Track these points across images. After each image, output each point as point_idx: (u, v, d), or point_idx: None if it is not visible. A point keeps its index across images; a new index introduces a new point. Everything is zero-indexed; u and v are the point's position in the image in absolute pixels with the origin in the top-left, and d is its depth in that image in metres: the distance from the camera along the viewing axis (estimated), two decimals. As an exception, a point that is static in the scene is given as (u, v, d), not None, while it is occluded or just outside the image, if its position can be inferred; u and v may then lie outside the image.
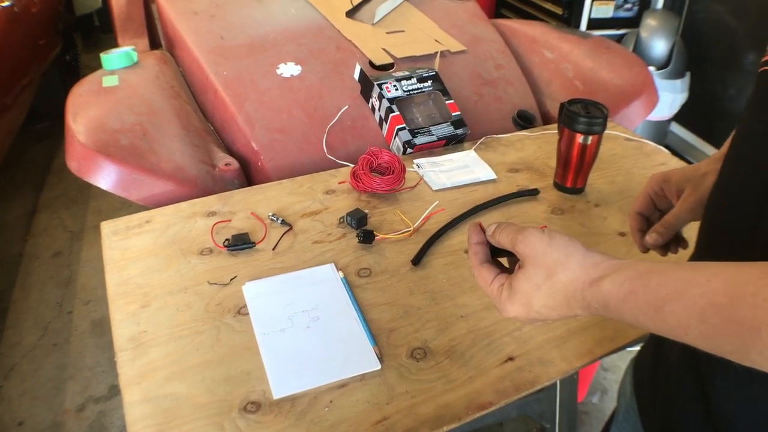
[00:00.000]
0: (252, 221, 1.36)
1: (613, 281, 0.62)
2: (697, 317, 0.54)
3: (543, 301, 0.69)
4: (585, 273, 0.65)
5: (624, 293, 0.60)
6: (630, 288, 0.60)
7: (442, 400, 0.97)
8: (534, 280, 0.69)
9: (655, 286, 0.58)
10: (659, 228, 0.98)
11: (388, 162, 1.47)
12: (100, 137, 1.52)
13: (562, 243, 0.69)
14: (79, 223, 3.23)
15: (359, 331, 1.07)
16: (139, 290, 1.17)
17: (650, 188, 1.01)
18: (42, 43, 3.74)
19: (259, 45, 1.96)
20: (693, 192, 0.94)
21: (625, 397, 0.94)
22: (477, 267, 0.78)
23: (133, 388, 0.98)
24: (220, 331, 1.08)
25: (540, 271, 0.69)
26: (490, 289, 0.75)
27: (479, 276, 0.77)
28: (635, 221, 1.03)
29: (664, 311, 0.56)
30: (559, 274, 0.67)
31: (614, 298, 0.61)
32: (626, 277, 0.61)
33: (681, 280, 0.57)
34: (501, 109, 1.93)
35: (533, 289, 0.69)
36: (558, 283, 0.67)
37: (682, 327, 0.55)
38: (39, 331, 2.61)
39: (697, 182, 0.94)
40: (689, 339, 0.56)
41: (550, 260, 0.68)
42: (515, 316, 0.73)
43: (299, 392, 0.97)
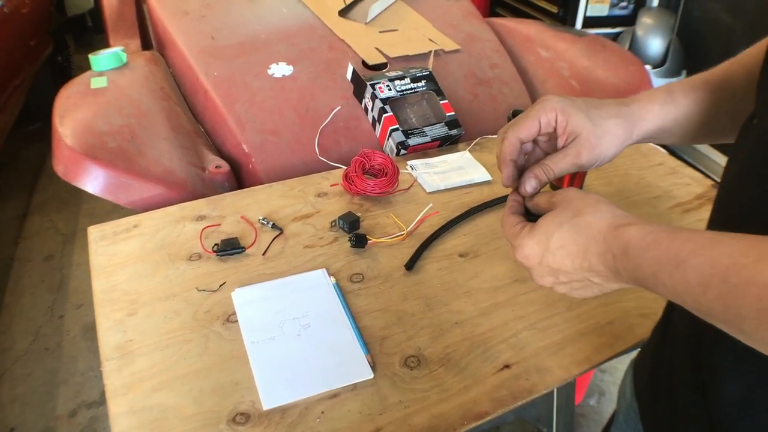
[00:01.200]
0: (242, 225, 1.33)
1: (639, 229, 0.62)
2: (720, 275, 0.52)
3: (561, 241, 0.69)
4: (613, 217, 0.66)
5: (648, 242, 0.60)
6: (655, 238, 0.59)
7: (437, 410, 0.94)
8: (559, 218, 0.70)
9: (681, 240, 0.57)
10: (540, 174, 0.80)
11: (381, 164, 1.45)
12: (87, 140, 1.49)
13: (596, 195, 0.71)
14: (71, 225, 3.20)
15: (351, 339, 1.05)
16: (126, 297, 1.15)
17: (545, 117, 0.80)
18: (33, 44, 3.71)
19: (250, 45, 1.93)
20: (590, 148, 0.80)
21: (626, 399, 0.92)
22: (506, 215, 0.79)
23: (119, 398, 0.95)
24: (209, 340, 1.05)
25: (567, 211, 0.69)
26: (513, 228, 0.75)
27: (505, 222, 0.78)
28: (512, 148, 0.81)
29: (686, 265, 0.55)
30: (587, 215, 0.68)
31: (636, 245, 0.61)
32: (653, 228, 0.61)
33: (708, 239, 0.56)
34: (496, 109, 1.91)
35: (556, 227, 0.69)
36: (582, 222, 0.67)
37: (701, 285, 0.54)
38: (30, 335, 2.58)
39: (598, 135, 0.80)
40: (704, 300, 0.54)
41: (581, 203, 0.69)
42: (527, 254, 0.72)
43: (290, 403, 0.95)
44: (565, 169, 0.81)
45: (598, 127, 0.80)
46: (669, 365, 0.77)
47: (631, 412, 0.89)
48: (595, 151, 0.80)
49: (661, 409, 0.78)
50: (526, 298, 1.16)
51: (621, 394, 0.97)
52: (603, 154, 0.80)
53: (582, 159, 0.79)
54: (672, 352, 0.76)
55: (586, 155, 0.79)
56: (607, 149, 0.81)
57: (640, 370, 0.89)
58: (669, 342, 0.78)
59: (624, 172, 1.58)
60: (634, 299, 1.15)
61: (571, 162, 0.80)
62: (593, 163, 0.81)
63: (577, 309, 1.14)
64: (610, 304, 1.15)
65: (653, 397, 0.81)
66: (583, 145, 0.79)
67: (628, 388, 0.92)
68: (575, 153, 0.79)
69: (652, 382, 0.82)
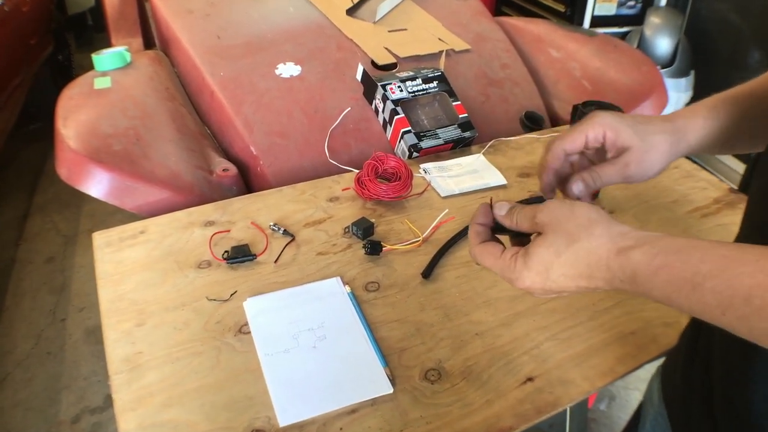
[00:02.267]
0: (252, 231, 1.29)
1: (645, 252, 0.58)
2: (741, 297, 0.50)
3: (562, 270, 0.64)
4: (611, 241, 0.62)
5: (656, 266, 0.57)
6: (665, 261, 0.56)
7: (459, 426, 0.91)
8: (554, 247, 0.65)
9: (695, 262, 0.54)
10: (588, 179, 0.83)
11: (395, 167, 1.41)
12: (91, 143, 1.46)
13: (585, 210, 0.65)
14: (72, 227, 3.17)
15: (369, 352, 1.01)
16: (133, 307, 1.11)
17: (593, 133, 0.83)
18: (33, 43, 3.67)
19: (256, 44, 1.89)
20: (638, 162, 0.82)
21: (653, 405, 0.90)
22: (479, 246, 0.74)
23: (128, 414, 0.92)
24: (221, 352, 1.02)
25: (561, 237, 0.64)
26: (500, 261, 0.71)
27: (483, 253, 0.73)
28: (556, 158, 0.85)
29: (703, 288, 0.53)
30: (583, 241, 0.63)
31: (644, 271, 0.58)
32: (660, 250, 0.57)
33: (726, 257, 0.53)
34: (508, 111, 1.87)
35: (553, 256, 0.65)
36: (581, 250, 0.63)
37: (721, 307, 0.52)
38: (32, 339, 2.55)
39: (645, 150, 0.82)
40: (724, 320, 0.52)
41: (573, 226, 0.64)
42: (529, 286, 0.68)
43: (307, 419, 0.91)
44: (613, 179, 0.82)
45: (645, 142, 0.81)
46: (703, 370, 0.74)
47: (659, 419, 0.87)
48: (642, 165, 0.81)
49: (695, 414, 0.76)
50: (546, 307, 1.13)
51: (647, 400, 0.94)
52: (650, 168, 0.82)
53: (630, 171, 0.81)
54: (706, 356, 0.74)
55: (634, 168, 0.81)
56: (654, 164, 0.82)
57: (669, 375, 0.87)
58: (703, 345, 0.76)
59: (640, 175, 1.55)
60: (657, 308, 1.12)
61: (619, 172, 0.81)
62: (641, 176, 0.82)
63: (600, 318, 1.11)
64: (632, 312, 1.12)
65: (686, 403, 0.79)
66: (632, 158, 0.81)
67: (656, 394, 0.90)
68: (624, 164, 0.81)
69: (686, 393, 0.79)
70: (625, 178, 0.82)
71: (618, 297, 1.15)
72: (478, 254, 0.74)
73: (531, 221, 0.69)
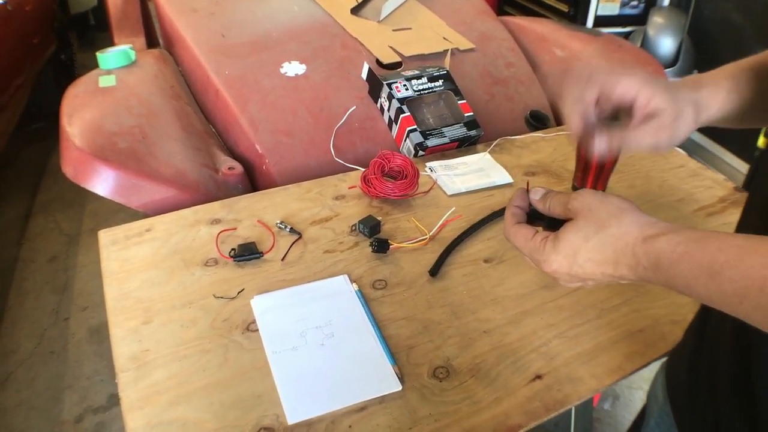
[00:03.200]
0: (259, 229, 1.29)
1: (669, 240, 0.60)
2: (757, 287, 0.51)
3: (589, 255, 0.66)
4: (639, 229, 0.63)
5: (679, 254, 0.58)
6: (686, 249, 0.58)
7: (468, 424, 0.91)
8: (584, 232, 0.67)
9: (714, 251, 0.55)
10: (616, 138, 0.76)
11: (401, 166, 1.41)
12: (96, 141, 1.45)
13: (617, 200, 0.68)
14: (75, 226, 3.16)
15: (377, 349, 1.01)
16: (140, 305, 1.10)
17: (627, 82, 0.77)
18: (36, 42, 3.67)
19: (261, 43, 1.89)
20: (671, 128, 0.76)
21: (657, 403, 0.90)
22: (514, 227, 0.76)
23: (135, 412, 0.92)
24: (228, 350, 1.01)
25: (591, 223, 0.67)
26: (531, 243, 0.72)
27: (517, 234, 0.75)
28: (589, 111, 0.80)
29: (721, 277, 0.54)
30: (612, 228, 0.65)
31: (668, 258, 0.59)
32: (683, 239, 0.59)
33: (743, 248, 0.54)
34: (513, 109, 1.87)
35: (582, 240, 0.67)
36: (609, 236, 0.65)
37: (738, 296, 0.53)
38: (35, 338, 2.54)
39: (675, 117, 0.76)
40: (742, 309, 0.53)
41: (604, 214, 0.66)
42: (556, 269, 0.70)
43: (315, 416, 0.91)
44: (643, 143, 0.76)
45: (677, 108, 0.77)
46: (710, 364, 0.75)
47: (664, 416, 0.87)
48: (674, 132, 0.76)
49: (701, 410, 0.76)
50: (554, 305, 1.12)
51: (652, 398, 0.94)
52: (678, 136, 0.77)
53: (663, 136, 0.76)
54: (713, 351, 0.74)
55: (667, 134, 0.76)
56: (683, 132, 0.78)
57: (674, 372, 0.87)
58: (710, 341, 0.76)
59: (645, 174, 1.55)
60: (665, 306, 1.12)
61: (652, 136, 0.75)
62: (669, 143, 0.77)
63: (608, 316, 1.10)
64: (640, 310, 1.12)
65: (692, 399, 0.79)
66: (666, 122, 0.76)
67: (660, 392, 0.90)
68: (658, 127, 0.75)
69: (691, 383, 0.80)
70: (656, 143, 0.76)
71: (626, 295, 1.15)
72: (511, 234, 0.76)
73: (564, 207, 0.71)
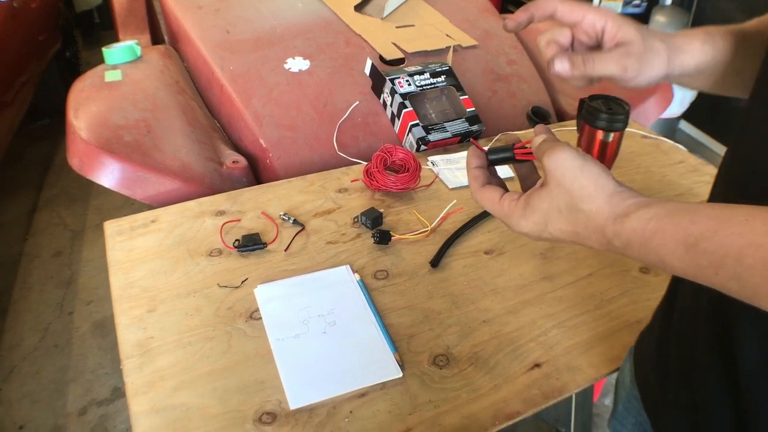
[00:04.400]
0: (262, 221, 1.31)
1: (639, 218, 0.59)
2: (733, 257, 0.51)
3: (560, 225, 0.66)
4: (610, 208, 0.62)
5: (651, 230, 0.57)
6: (657, 226, 0.57)
7: (467, 410, 0.92)
8: (556, 203, 0.66)
9: (687, 224, 0.55)
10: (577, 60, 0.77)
11: (403, 159, 1.42)
12: (102, 134, 1.47)
13: (595, 173, 0.64)
14: (80, 221, 3.18)
15: (378, 337, 1.02)
16: (145, 293, 1.12)
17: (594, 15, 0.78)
18: (42, 39, 3.69)
19: (265, 39, 1.90)
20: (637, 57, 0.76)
21: (625, 388, 0.92)
22: (479, 190, 0.76)
23: (140, 397, 0.93)
24: (232, 337, 1.03)
25: (564, 195, 0.65)
26: (498, 205, 0.72)
27: (484, 197, 0.75)
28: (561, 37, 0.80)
29: (696, 249, 0.53)
30: (584, 204, 0.64)
31: (639, 236, 0.58)
32: (653, 215, 0.58)
33: (716, 218, 0.53)
34: (515, 106, 1.88)
35: (554, 211, 0.66)
36: (581, 212, 0.64)
37: (713, 267, 0.52)
38: (39, 332, 2.56)
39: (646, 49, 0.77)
40: (717, 279, 0.53)
41: (578, 187, 0.64)
42: (526, 233, 0.70)
43: (317, 402, 0.92)
44: (608, 68, 0.76)
45: (647, 42, 0.76)
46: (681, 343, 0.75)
47: (632, 400, 0.88)
48: (642, 62, 0.76)
49: (673, 389, 0.76)
50: (553, 296, 1.14)
51: (619, 383, 0.96)
52: (648, 69, 0.77)
53: (628, 62, 0.75)
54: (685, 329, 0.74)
55: (633, 62, 0.75)
56: (653, 67, 0.77)
57: (641, 356, 0.88)
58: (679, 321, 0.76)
59: (646, 169, 1.56)
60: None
61: (617, 61, 0.75)
62: (636, 74, 0.76)
63: (607, 307, 1.12)
64: (638, 302, 1.14)
65: (661, 379, 0.79)
66: (633, 50, 0.76)
67: (627, 377, 0.91)
68: (624, 52, 0.76)
69: (660, 363, 0.80)
70: (622, 68, 0.75)
71: (625, 286, 1.16)
72: (479, 198, 0.75)
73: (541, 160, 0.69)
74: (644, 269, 1.21)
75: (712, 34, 0.82)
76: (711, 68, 0.83)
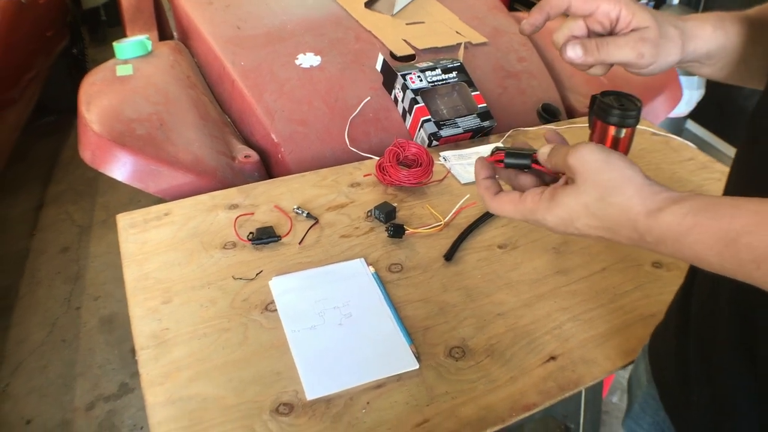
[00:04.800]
0: (276, 214, 1.31)
1: (674, 213, 0.56)
2: None
3: (588, 221, 0.63)
4: (642, 202, 0.60)
5: (687, 226, 0.55)
6: (694, 221, 0.55)
7: (484, 402, 0.92)
8: (584, 198, 0.63)
9: (727, 218, 0.53)
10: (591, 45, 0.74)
11: (416, 154, 1.42)
12: (115, 127, 1.47)
13: (621, 165, 0.62)
14: (87, 217, 3.18)
15: (394, 329, 1.02)
16: (159, 285, 1.12)
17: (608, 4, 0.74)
18: (49, 36, 3.68)
19: (276, 35, 1.91)
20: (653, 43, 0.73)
21: (641, 387, 0.90)
22: (493, 199, 0.72)
23: (156, 388, 0.93)
24: (248, 329, 1.03)
25: (592, 189, 0.63)
26: (521, 204, 0.68)
27: (500, 204, 0.71)
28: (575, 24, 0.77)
29: (737, 245, 0.52)
30: (614, 197, 0.61)
31: (674, 232, 0.56)
32: (689, 210, 0.56)
33: (758, 212, 0.52)
34: (525, 102, 1.88)
35: (581, 207, 0.63)
36: (610, 206, 0.61)
37: (756, 261, 0.51)
38: (47, 327, 2.56)
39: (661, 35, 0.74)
40: (758, 274, 0.52)
41: (605, 179, 0.62)
42: (551, 227, 0.67)
43: (334, 393, 0.93)
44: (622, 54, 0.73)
45: (662, 28, 0.74)
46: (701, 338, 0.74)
47: (648, 400, 0.87)
48: (658, 48, 0.73)
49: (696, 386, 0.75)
50: (567, 290, 1.14)
51: (634, 382, 0.94)
52: (664, 56, 0.75)
53: (644, 47, 0.73)
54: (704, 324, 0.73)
55: (649, 47, 0.73)
56: (669, 53, 0.75)
57: (658, 353, 0.87)
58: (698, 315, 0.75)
59: (656, 166, 1.56)
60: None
61: (632, 47, 0.73)
62: (652, 60, 0.74)
63: (621, 300, 1.12)
64: (652, 296, 1.14)
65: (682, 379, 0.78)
66: (649, 35, 0.73)
67: (643, 376, 0.89)
68: (639, 37, 0.73)
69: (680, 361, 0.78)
70: (637, 54, 0.73)
71: (639, 281, 1.16)
72: (495, 207, 0.72)
73: (564, 162, 0.66)
74: (657, 264, 1.21)
75: (723, 18, 0.81)
76: (720, 54, 0.81)
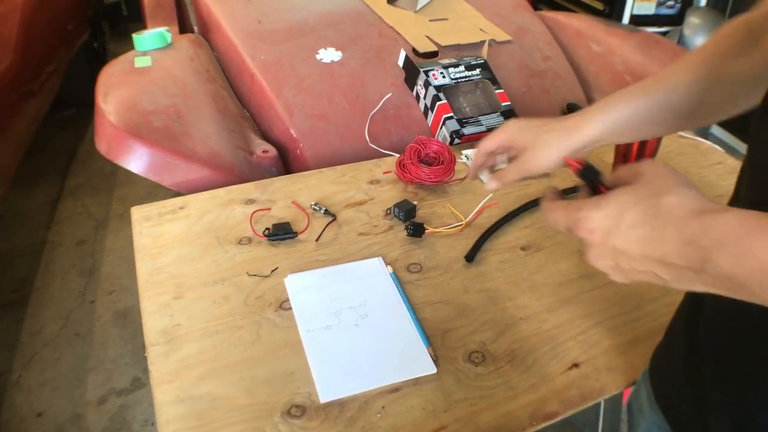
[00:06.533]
0: (293, 210, 1.28)
1: (736, 214, 0.51)
2: None
3: (635, 221, 0.58)
4: (699, 202, 0.55)
5: (750, 227, 0.49)
6: (757, 223, 0.49)
7: (504, 409, 0.89)
8: (636, 194, 0.59)
9: None
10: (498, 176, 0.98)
11: (437, 152, 1.39)
12: (132, 118, 1.45)
13: (684, 177, 0.60)
14: (104, 211, 3.17)
15: (412, 331, 0.99)
16: (172, 280, 1.10)
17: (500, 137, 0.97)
18: (70, 29, 3.68)
19: (297, 29, 1.88)
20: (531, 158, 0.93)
21: (644, 415, 0.83)
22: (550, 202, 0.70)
23: (165, 386, 0.91)
24: (261, 327, 1.00)
25: (647, 187, 0.59)
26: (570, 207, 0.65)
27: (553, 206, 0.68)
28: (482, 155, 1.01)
29: None
30: (668, 195, 0.57)
31: (735, 233, 0.50)
32: (752, 213, 0.50)
33: None
34: (550, 102, 1.85)
35: (632, 203, 0.59)
36: (662, 204, 0.57)
37: None
38: (61, 320, 2.55)
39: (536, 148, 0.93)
40: None
41: (664, 180, 0.59)
42: (593, 228, 0.61)
43: (348, 396, 0.89)
44: (514, 175, 0.95)
45: (536, 141, 0.92)
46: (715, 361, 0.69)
47: (653, 428, 0.81)
48: (536, 160, 0.91)
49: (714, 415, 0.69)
50: (592, 295, 1.10)
51: (635, 412, 0.88)
52: (543, 161, 0.91)
53: (526, 166, 0.93)
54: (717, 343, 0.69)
55: (529, 164, 0.92)
56: (546, 157, 0.91)
57: (663, 380, 0.81)
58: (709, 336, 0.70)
59: (684, 170, 1.52)
60: (705, 300, 1.09)
61: (516, 169, 0.94)
62: (536, 169, 0.92)
63: (647, 307, 1.08)
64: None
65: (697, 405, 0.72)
66: (527, 156, 0.92)
67: (645, 403, 0.83)
68: (521, 160, 0.93)
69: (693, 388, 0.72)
70: (523, 172, 0.93)
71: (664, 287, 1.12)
72: (548, 208, 0.69)
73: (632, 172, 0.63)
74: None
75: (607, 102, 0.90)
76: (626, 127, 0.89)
